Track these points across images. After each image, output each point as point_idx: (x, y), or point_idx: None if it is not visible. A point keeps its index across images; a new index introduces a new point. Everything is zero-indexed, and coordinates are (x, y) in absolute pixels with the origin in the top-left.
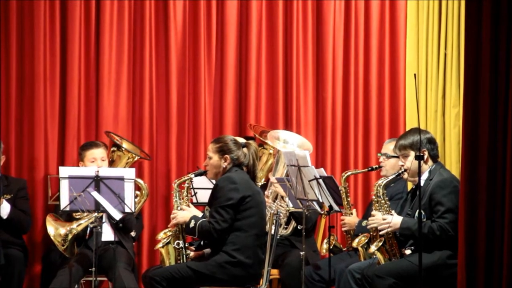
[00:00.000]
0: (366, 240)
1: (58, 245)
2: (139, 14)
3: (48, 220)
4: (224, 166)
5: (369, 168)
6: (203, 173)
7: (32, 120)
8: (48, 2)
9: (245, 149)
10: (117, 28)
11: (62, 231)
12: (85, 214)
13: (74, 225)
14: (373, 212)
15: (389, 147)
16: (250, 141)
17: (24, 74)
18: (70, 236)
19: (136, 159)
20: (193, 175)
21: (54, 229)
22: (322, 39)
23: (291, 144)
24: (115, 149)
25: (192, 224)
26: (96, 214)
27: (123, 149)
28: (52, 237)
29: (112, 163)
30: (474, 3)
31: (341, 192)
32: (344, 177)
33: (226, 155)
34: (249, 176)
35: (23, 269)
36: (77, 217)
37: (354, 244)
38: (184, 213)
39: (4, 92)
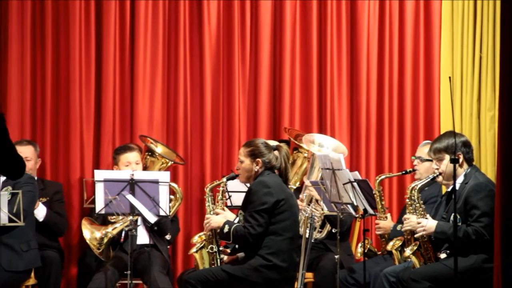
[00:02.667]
0: (400, 244)
1: (93, 249)
2: (173, 17)
3: (84, 224)
4: (256, 169)
5: (404, 172)
6: (235, 177)
7: (67, 123)
8: (84, 3)
9: (276, 152)
10: (152, 31)
11: (98, 234)
12: (120, 217)
13: (110, 228)
14: (407, 216)
15: (423, 150)
16: (281, 144)
17: (60, 78)
18: (105, 240)
19: (169, 164)
20: (225, 179)
21: (90, 233)
22: (356, 41)
23: (326, 148)
24: (148, 154)
25: (226, 229)
26: (131, 217)
27: (157, 154)
28: (87, 241)
29: (145, 169)
30: (510, 3)
31: (375, 195)
32: (378, 181)
33: (258, 159)
34: (282, 179)
35: (60, 271)
36: (112, 220)
37: (389, 247)
38: (218, 217)
39: (40, 96)
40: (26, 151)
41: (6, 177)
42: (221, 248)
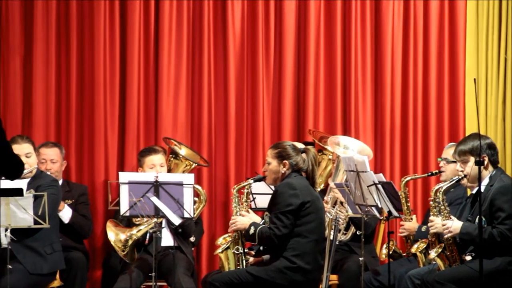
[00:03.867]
0: (425, 246)
1: (118, 251)
2: (198, 18)
3: (109, 226)
4: (283, 171)
5: (429, 173)
6: (262, 179)
7: (92, 126)
8: (108, 3)
9: (304, 155)
10: (176, 32)
11: (123, 236)
12: (145, 219)
13: (134, 230)
14: (432, 218)
15: (449, 152)
16: (309, 147)
17: (84, 80)
18: (130, 242)
19: (193, 166)
20: (252, 181)
21: (115, 235)
22: (381, 42)
23: (351, 150)
24: (172, 157)
25: (251, 231)
26: (155, 219)
27: (181, 156)
28: (112, 243)
29: (169, 171)
30: None
31: (401, 197)
32: (404, 182)
33: (285, 161)
34: (308, 182)
35: (85, 273)
36: (137, 222)
37: (413, 250)
38: (244, 219)
39: (64, 98)
40: (51, 153)
41: (4, 177)
42: (246, 250)
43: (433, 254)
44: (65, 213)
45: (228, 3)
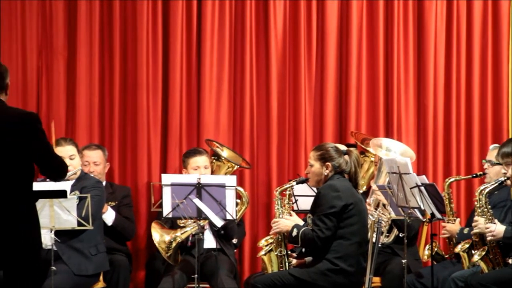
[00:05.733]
0: (468, 246)
1: (162, 252)
2: (240, 18)
3: (154, 227)
4: (325, 173)
5: (473, 175)
6: (305, 181)
7: (135, 128)
8: (151, 3)
9: (346, 157)
10: (218, 33)
11: (167, 238)
12: (189, 221)
13: (179, 232)
14: (476, 218)
15: (494, 153)
16: (352, 149)
17: (127, 82)
18: (174, 244)
19: (235, 168)
20: (294, 183)
21: (159, 236)
22: (423, 43)
23: (394, 152)
24: (214, 159)
25: (294, 233)
26: (199, 221)
27: (223, 158)
28: (156, 244)
29: (211, 173)
30: None
31: (444, 198)
32: (447, 183)
33: (328, 163)
34: (351, 184)
35: (128, 275)
36: (181, 224)
37: (457, 249)
38: (286, 221)
39: (108, 100)
40: (95, 156)
41: (48, 179)
42: (289, 252)
43: (476, 257)
44: (109, 215)
45: (270, 3)
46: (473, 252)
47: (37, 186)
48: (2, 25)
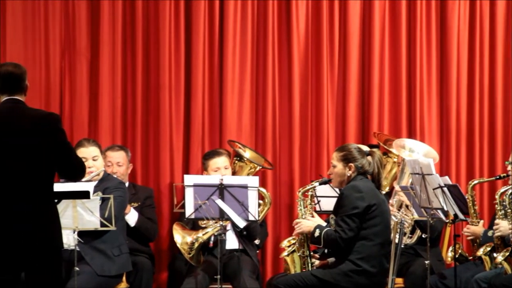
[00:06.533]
0: (490, 249)
1: (184, 253)
2: (262, 19)
3: (175, 229)
4: (348, 174)
5: (497, 177)
6: (328, 182)
7: (157, 128)
8: (173, 3)
9: (369, 157)
10: (240, 34)
11: (189, 239)
12: (211, 222)
13: (200, 233)
14: (497, 221)
15: None
16: (374, 149)
17: (150, 83)
18: (196, 245)
19: (258, 169)
20: (317, 184)
21: (181, 237)
22: (446, 43)
23: (417, 153)
24: (237, 159)
25: (317, 234)
26: (221, 222)
27: (245, 159)
28: (178, 245)
29: (234, 174)
30: None
31: (468, 200)
32: (471, 185)
33: (351, 164)
34: (374, 185)
35: (151, 276)
36: (203, 225)
37: (479, 253)
38: (309, 222)
39: (130, 101)
40: (117, 157)
41: (65, 179)
42: (311, 253)
43: (500, 258)
44: (131, 216)
45: (292, 4)
46: (495, 255)
47: (60, 187)
48: (25, 26)
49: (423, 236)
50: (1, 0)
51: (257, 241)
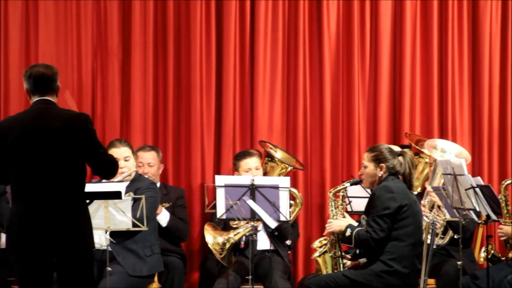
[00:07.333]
0: None
1: (216, 254)
2: (293, 19)
3: (207, 229)
4: (379, 175)
5: None
6: (359, 182)
7: (189, 129)
8: (204, 3)
9: (400, 158)
10: (271, 34)
11: (220, 240)
12: (242, 223)
13: (232, 234)
14: None
15: None
16: (406, 150)
17: (181, 83)
18: (227, 245)
19: (289, 169)
20: (348, 184)
21: (212, 238)
22: (478, 43)
23: (449, 153)
24: (268, 160)
25: (348, 233)
26: (252, 223)
27: (276, 159)
28: (210, 246)
29: (265, 175)
30: None
31: (501, 200)
32: (504, 186)
33: (382, 164)
34: (406, 185)
35: (183, 276)
36: (234, 226)
37: (511, 254)
38: (340, 222)
39: (162, 102)
40: (149, 157)
41: (100, 176)
42: (343, 253)
43: None
44: (163, 217)
45: (323, 4)
46: None
47: (92, 187)
48: (58, 27)
49: (455, 236)
50: (34, 1)
51: (288, 242)
